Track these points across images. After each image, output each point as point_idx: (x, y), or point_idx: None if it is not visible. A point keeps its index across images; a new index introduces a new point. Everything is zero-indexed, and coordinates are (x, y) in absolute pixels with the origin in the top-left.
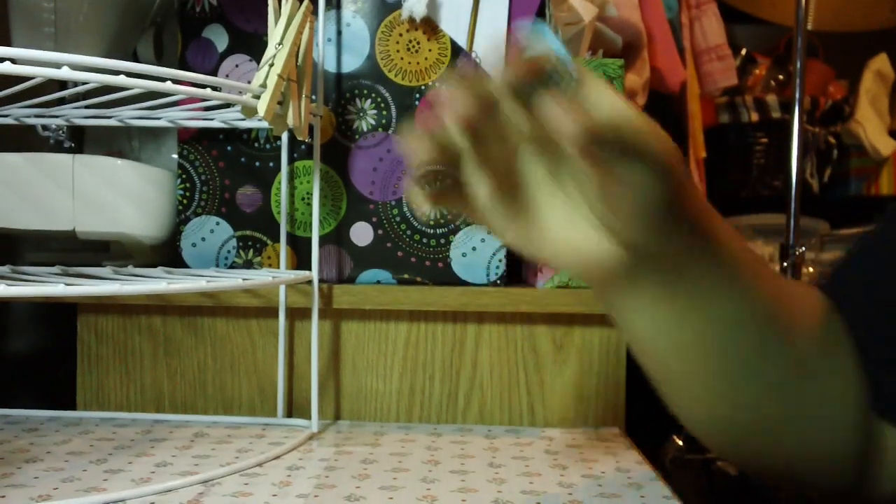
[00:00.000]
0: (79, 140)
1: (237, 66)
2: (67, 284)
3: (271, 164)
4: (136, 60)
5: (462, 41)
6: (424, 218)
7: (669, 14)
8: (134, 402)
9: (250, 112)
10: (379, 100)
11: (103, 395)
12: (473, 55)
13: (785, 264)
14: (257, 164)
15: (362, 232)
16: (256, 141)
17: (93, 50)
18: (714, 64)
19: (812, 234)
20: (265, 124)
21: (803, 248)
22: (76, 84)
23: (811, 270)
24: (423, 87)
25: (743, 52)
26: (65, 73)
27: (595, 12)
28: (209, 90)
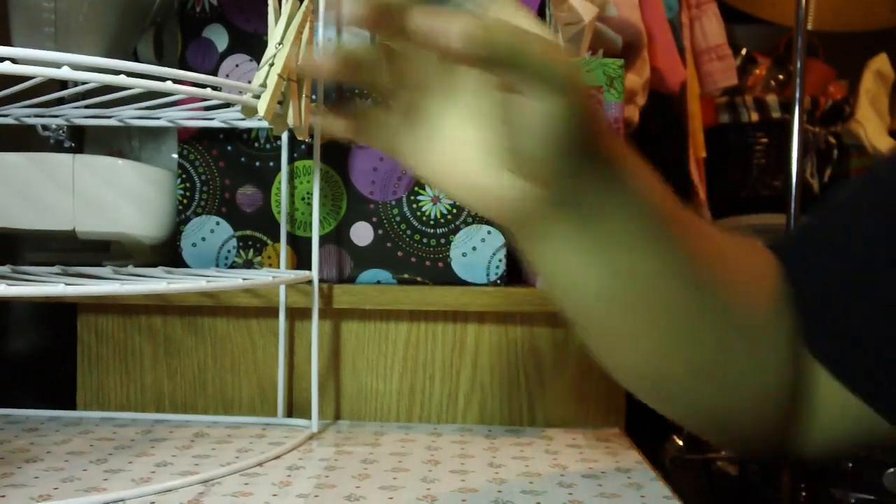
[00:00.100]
0: (79, 140)
1: (237, 66)
2: (67, 284)
3: (271, 164)
4: (137, 60)
5: None
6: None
7: (669, 14)
8: (134, 402)
9: (250, 112)
10: None
11: (103, 395)
12: None
13: None
14: (257, 164)
15: (362, 232)
16: (256, 141)
17: (93, 50)
18: (714, 64)
19: None
20: (265, 124)
21: None
22: (76, 84)
23: None
24: None
25: (743, 52)
26: (65, 73)
27: (595, 12)
28: (209, 90)
